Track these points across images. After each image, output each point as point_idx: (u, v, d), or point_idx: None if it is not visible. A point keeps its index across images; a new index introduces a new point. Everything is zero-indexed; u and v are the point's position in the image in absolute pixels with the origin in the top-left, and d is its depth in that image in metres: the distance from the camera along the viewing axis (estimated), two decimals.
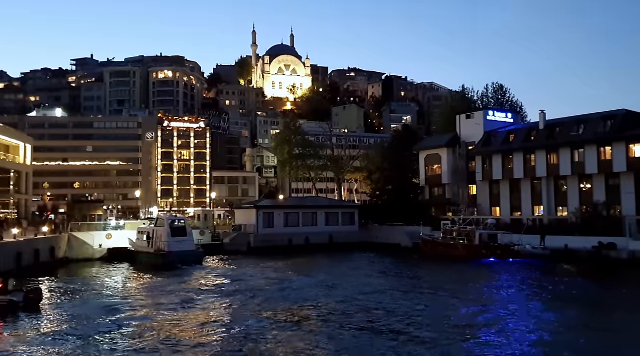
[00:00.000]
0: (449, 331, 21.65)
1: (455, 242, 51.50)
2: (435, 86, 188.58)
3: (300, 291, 31.88)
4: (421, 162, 72.45)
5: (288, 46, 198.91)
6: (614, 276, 39.08)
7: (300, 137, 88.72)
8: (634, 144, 49.99)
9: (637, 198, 49.50)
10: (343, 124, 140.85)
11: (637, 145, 49.78)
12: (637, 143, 49.76)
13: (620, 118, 52.19)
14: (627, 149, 50.31)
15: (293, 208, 68.25)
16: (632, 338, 20.58)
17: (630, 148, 50.23)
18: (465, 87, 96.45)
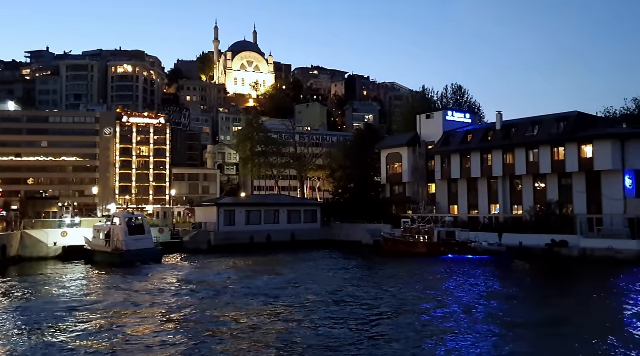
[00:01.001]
0: (408, 327, 22.01)
1: (415, 240, 52.41)
2: (397, 86, 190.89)
3: (261, 289, 31.78)
4: (383, 161, 73.36)
5: (251, 42, 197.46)
6: (564, 273, 40.59)
7: (262, 134, 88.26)
8: (585, 145, 51.97)
9: (587, 197, 51.56)
10: (306, 122, 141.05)
11: (588, 146, 51.76)
12: (588, 144, 51.75)
13: (573, 119, 54.18)
14: (579, 150, 52.25)
15: (255, 205, 67.93)
16: (577, 331, 21.39)
17: (581, 149, 52.19)
18: (425, 88, 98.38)
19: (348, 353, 18.36)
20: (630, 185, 49.76)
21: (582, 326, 22.31)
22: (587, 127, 53.44)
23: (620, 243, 43.57)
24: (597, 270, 39.44)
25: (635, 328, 21.32)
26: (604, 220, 48.86)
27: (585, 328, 21.82)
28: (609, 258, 42.58)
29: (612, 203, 49.32)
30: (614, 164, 49.48)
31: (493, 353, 18.44)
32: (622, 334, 20.46)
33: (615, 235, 45.58)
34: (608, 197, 49.88)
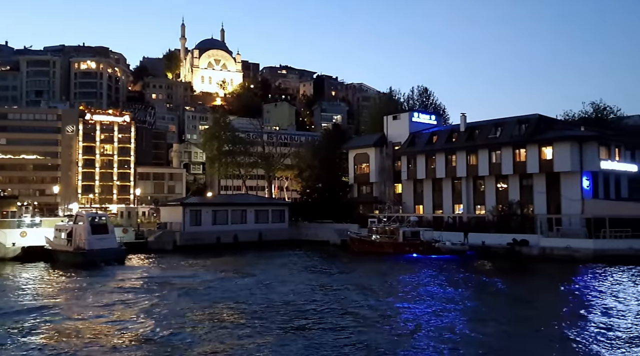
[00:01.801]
0: (373, 325, 22.31)
1: (381, 239, 52.96)
2: (365, 87, 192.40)
3: (226, 290, 31.61)
4: (350, 161, 73.91)
5: (218, 41, 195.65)
6: (524, 271, 41.82)
7: (230, 133, 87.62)
8: (545, 147, 53.57)
9: (547, 197, 53.15)
10: (274, 121, 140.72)
11: (548, 147, 53.36)
12: (548, 146, 53.34)
13: (534, 122, 55.76)
14: (539, 151, 53.80)
15: (221, 205, 67.41)
16: (529, 328, 22.10)
17: (542, 151, 53.76)
18: (392, 89, 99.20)
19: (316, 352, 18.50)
20: (587, 186, 51.53)
21: (534, 323, 22.96)
22: (547, 130, 55.12)
23: (578, 242, 45.08)
24: (555, 269, 40.68)
25: (582, 325, 22.08)
26: (563, 220, 50.44)
27: (537, 325, 22.43)
28: (567, 256, 43.99)
29: (571, 204, 50.99)
30: (573, 166, 51.15)
31: (450, 348, 18.84)
32: (571, 330, 21.18)
33: (573, 234, 47.16)
34: (567, 197, 51.54)
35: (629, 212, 46.65)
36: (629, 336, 20.05)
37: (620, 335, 20.34)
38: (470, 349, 18.75)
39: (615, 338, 19.90)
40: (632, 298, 27.70)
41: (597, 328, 21.31)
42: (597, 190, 52.45)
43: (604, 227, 45.60)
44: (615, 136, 57.03)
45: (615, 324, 22.03)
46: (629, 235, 44.31)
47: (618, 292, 29.65)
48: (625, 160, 56.18)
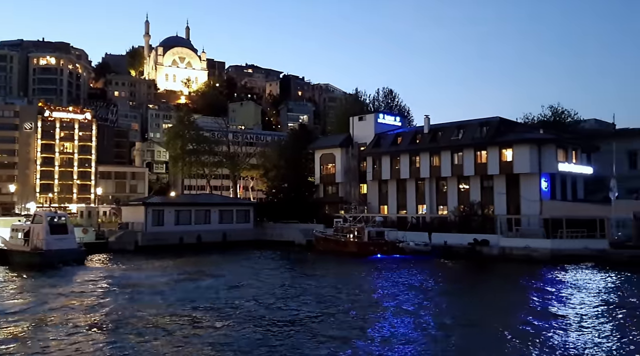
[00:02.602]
0: (333, 325, 22.44)
1: (346, 239, 53.26)
2: (331, 88, 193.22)
3: (188, 292, 31.16)
4: (316, 161, 74.07)
5: (183, 38, 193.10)
6: (483, 270, 42.82)
7: (194, 132, 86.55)
8: (505, 149, 54.95)
9: (507, 198, 54.53)
10: (240, 120, 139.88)
11: (508, 149, 54.76)
12: (508, 148, 54.75)
13: (495, 124, 57.15)
14: (499, 153, 55.15)
15: (185, 205, 66.49)
16: (484, 325, 22.68)
17: (502, 153, 55.12)
18: (358, 90, 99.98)
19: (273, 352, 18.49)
20: (545, 187, 53.12)
21: (488, 320, 23.58)
22: (507, 132, 56.58)
23: (536, 242, 46.38)
24: (513, 268, 41.73)
25: (536, 324, 22.75)
26: (522, 220, 51.83)
27: (491, 322, 23.00)
28: (526, 256, 45.20)
29: (529, 205, 52.45)
30: (532, 167, 52.63)
31: (405, 347, 19.12)
32: (525, 328, 21.82)
33: (531, 234, 48.47)
34: (526, 198, 52.99)
35: (584, 213, 48.32)
36: (582, 334, 20.77)
37: (576, 332, 21.06)
38: (424, 348, 18.99)
39: (570, 335, 20.58)
40: (587, 297, 28.69)
41: (551, 327, 21.98)
42: (555, 191, 54.14)
43: (561, 227, 47.10)
44: (572, 139, 59.01)
45: (570, 322, 22.79)
46: (584, 235, 45.85)
47: (573, 291, 30.66)
48: (582, 163, 58.18)
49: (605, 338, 19.92)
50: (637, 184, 64.84)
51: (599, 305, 26.37)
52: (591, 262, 41.72)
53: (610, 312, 24.65)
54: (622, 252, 42.60)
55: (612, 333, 20.85)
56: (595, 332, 20.87)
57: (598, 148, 62.04)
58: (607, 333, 20.72)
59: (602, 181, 55.63)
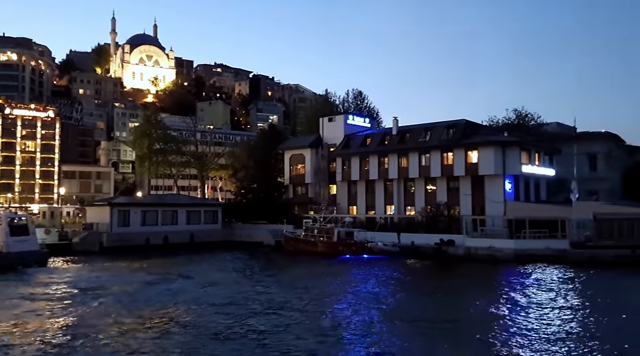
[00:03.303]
0: (300, 326, 22.49)
1: (316, 239, 53.43)
2: (301, 88, 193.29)
3: (153, 294, 30.70)
4: (286, 162, 74.00)
5: (150, 36, 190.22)
6: (449, 270, 43.59)
7: (161, 131, 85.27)
8: (471, 151, 56.08)
9: (473, 199, 55.65)
10: (208, 120, 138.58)
11: (474, 152, 55.89)
12: (474, 150, 55.88)
13: (461, 127, 58.25)
14: (465, 155, 56.25)
15: (151, 205, 65.47)
16: (452, 325, 23.16)
17: (468, 155, 56.23)
18: (328, 91, 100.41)
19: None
20: (509, 188, 54.43)
21: (447, 318, 24.05)
22: (473, 135, 57.81)
23: (500, 242, 47.48)
24: (478, 268, 42.65)
25: (498, 322, 23.35)
26: (487, 221, 52.96)
27: (449, 321, 23.46)
28: (490, 256, 46.21)
29: (494, 205, 53.64)
30: (496, 169, 53.85)
31: (369, 347, 19.35)
32: (487, 326, 22.35)
33: (495, 234, 49.61)
34: (490, 199, 54.17)
35: (546, 214, 49.68)
36: (543, 331, 21.37)
37: (536, 330, 21.65)
38: (387, 348, 19.20)
39: (530, 333, 21.15)
40: (546, 296, 29.53)
41: (513, 325, 22.54)
42: (518, 192, 55.54)
43: (524, 227, 48.28)
44: (535, 142, 60.66)
45: (531, 320, 23.41)
46: (547, 236, 47.17)
47: (534, 291, 31.49)
48: (544, 165, 59.85)
49: (561, 336, 20.54)
50: (596, 186, 67.18)
51: (558, 304, 27.16)
52: (553, 261, 42.91)
53: (567, 311, 25.43)
54: (582, 252, 44.02)
55: (567, 331, 21.50)
56: (553, 330, 21.49)
57: (560, 151, 63.95)
58: (564, 331, 21.36)
59: (564, 183, 57.35)
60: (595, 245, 44.42)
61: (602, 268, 40.19)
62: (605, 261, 41.90)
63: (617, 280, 36.18)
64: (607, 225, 45.15)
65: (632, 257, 41.73)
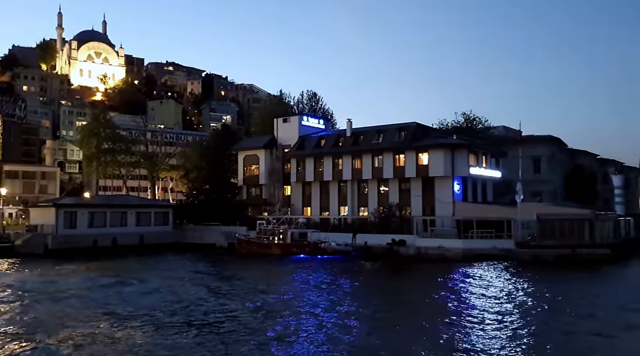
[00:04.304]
0: (249, 328, 22.49)
1: (269, 241, 53.38)
2: (255, 88, 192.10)
3: (98, 297, 29.84)
4: (240, 162, 73.45)
5: (100, 32, 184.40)
6: (399, 269, 44.46)
7: (110, 131, 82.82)
8: (422, 153, 57.48)
9: (423, 200, 57.02)
10: (159, 119, 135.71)
11: (424, 153, 57.30)
12: (424, 152, 57.29)
13: (412, 129, 59.60)
14: (416, 157, 57.59)
15: (99, 207, 63.66)
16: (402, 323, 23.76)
17: (419, 157, 57.60)
18: (282, 92, 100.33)
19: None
20: (458, 190, 56.09)
21: (395, 317, 24.70)
22: (423, 137, 59.31)
23: (449, 242, 48.89)
24: (427, 267, 43.70)
25: (446, 319, 24.11)
26: (436, 221, 54.39)
27: (397, 319, 24.09)
28: (440, 255, 47.52)
29: (443, 206, 55.16)
30: (445, 171, 55.40)
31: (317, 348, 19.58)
32: (436, 324, 23.06)
33: (445, 235, 51.02)
34: (440, 200, 55.67)
35: (493, 214, 51.51)
36: (491, 328, 22.22)
37: (484, 327, 22.48)
38: (337, 348, 19.42)
39: (479, 329, 21.94)
40: (491, 294, 30.67)
41: (462, 321, 23.33)
42: (467, 194, 57.31)
43: (472, 228, 49.93)
44: (482, 145, 62.77)
45: (478, 317, 24.27)
46: (493, 236, 48.92)
47: (480, 289, 32.64)
48: (491, 167, 62.00)
49: (503, 332, 21.43)
50: (540, 188, 70.10)
51: (503, 301, 28.26)
52: (499, 260, 44.54)
53: (511, 307, 26.53)
54: (526, 252, 45.93)
55: (510, 326, 22.45)
56: (496, 326, 22.39)
57: (506, 153, 66.37)
58: (506, 327, 22.28)
59: (509, 184, 59.57)
60: (538, 244, 46.45)
61: (545, 266, 42.11)
62: (547, 260, 43.88)
63: (556, 278, 37.86)
64: (549, 225, 47.28)
65: (573, 256, 43.87)
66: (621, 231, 55.64)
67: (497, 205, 56.64)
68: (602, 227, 49.36)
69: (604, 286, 34.75)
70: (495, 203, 58.34)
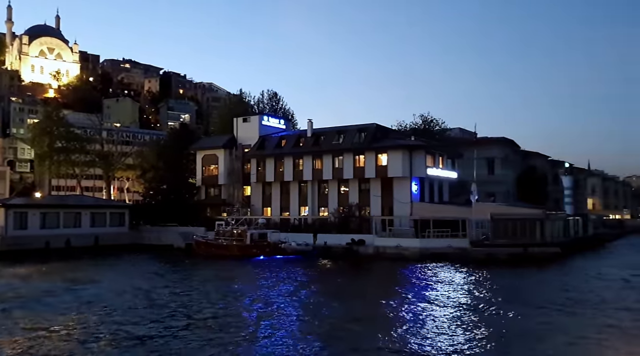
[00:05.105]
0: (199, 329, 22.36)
1: (228, 242, 52.90)
2: (215, 87, 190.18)
3: (50, 301, 28.89)
4: (198, 162, 72.52)
5: (52, 27, 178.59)
6: (358, 268, 45.03)
7: (64, 129, 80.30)
8: (381, 154, 58.31)
9: (382, 200, 57.86)
10: (115, 118, 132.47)
11: (383, 154, 58.15)
12: (383, 153, 58.13)
13: (372, 131, 60.37)
14: (376, 158, 58.38)
15: (52, 207, 61.61)
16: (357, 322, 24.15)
17: (378, 158, 58.41)
18: (243, 91, 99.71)
19: None
20: (415, 190, 57.19)
21: (352, 314, 25.06)
22: (383, 138, 60.21)
23: (406, 241, 49.77)
24: (385, 266, 44.44)
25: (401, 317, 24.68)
26: (395, 221, 55.22)
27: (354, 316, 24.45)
28: (398, 254, 48.33)
29: (401, 206, 56.11)
30: (404, 172, 56.38)
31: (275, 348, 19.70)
32: (390, 321, 23.55)
33: (402, 234, 51.93)
34: (398, 200, 56.61)
35: (449, 214, 52.77)
36: (447, 326, 22.83)
37: (439, 324, 23.08)
38: (283, 346, 19.51)
39: (433, 327, 22.51)
40: (448, 291, 31.48)
41: (415, 319, 23.87)
42: (424, 194, 58.49)
43: (428, 227, 50.99)
44: (439, 146, 64.23)
45: (432, 315, 24.90)
46: (449, 235, 50.10)
47: (435, 286, 33.46)
48: (447, 168, 63.46)
49: (454, 323, 22.10)
50: (494, 188, 72.30)
51: (457, 297, 29.07)
52: (454, 259, 45.63)
53: (464, 303, 27.32)
54: (480, 250, 47.25)
55: (463, 322, 23.14)
56: (449, 322, 23.04)
57: (461, 155, 68.10)
58: (458, 322, 22.96)
59: (465, 185, 61.21)
60: (492, 243, 47.89)
61: (498, 265, 43.45)
62: (500, 258, 45.30)
63: (507, 275, 39.19)
64: (502, 224, 48.84)
65: (524, 254, 45.44)
66: (570, 230, 58.06)
67: (453, 205, 58.06)
68: (553, 226, 51.34)
69: (551, 280, 36.19)
70: (451, 203, 59.78)
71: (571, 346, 19.49)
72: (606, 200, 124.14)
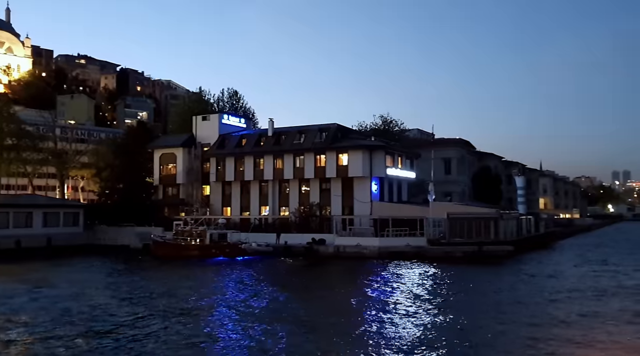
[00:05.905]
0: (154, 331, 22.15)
1: (187, 242, 52.15)
2: (173, 85, 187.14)
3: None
4: (156, 161, 71.19)
5: (2, 20, 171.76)
6: (317, 267, 45.25)
7: (14, 126, 77.09)
8: (342, 154, 58.82)
9: (343, 200, 58.40)
10: (70, 115, 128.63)
11: (344, 154, 58.68)
12: (344, 153, 58.67)
13: (333, 130, 60.82)
14: (336, 158, 58.85)
15: (1, 207, 59.29)
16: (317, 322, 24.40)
17: (339, 157, 58.90)
18: (202, 89, 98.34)
19: None
20: (375, 190, 57.98)
21: (309, 313, 25.23)
22: (343, 138, 60.78)
23: (366, 240, 50.42)
24: (345, 265, 44.80)
25: (362, 316, 25.09)
26: (355, 220, 55.87)
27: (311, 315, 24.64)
28: (357, 253, 48.87)
29: (361, 206, 56.81)
30: (364, 171, 57.06)
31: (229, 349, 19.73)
32: (350, 320, 23.91)
33: (362, 233, 52.59)
34: (358, 200, 57.28)
35: (407, 213, 53.74)
36: (405, 322, 23.29)
37: (397, 321, 23.52)
38: (238, 347, 19.57)
39: (390, 324, 22.93)
40: (407, 288, 32.09)
41: (374, 317, 24.26)
42: (383, 193, 59.35)
43: (387, 226, 51.76)
44: (398, 146, 65.30)
45: (391, 312, 25.34)
46: (407, 234, 51.04)
47: (391, 283, 34.02)
48: (406, 168, 64.58)
49: (414, 323, 22.60)
50: (450, 188, 74.03)
51: (410, 295, 29.60)
52: (413, 257, 46.53)
53: (421, 300, 27.94)
54: (437, 249, 48.33)
55: (419, 319, 23.69)
56: (409, 319, 23.54)
57: (419, 155, 69.42)
58: (417, 319, 23.48)
59: (422, 185, 62.47)
60: (448, 242, 49.06)
61: (454, 262, 44.55)
62: (456, 256, 46.46)
63: (462, 273, 40.21)
64: (458, 223, 50.11)
65: (479, 252, 46.73)
66: (523, 229, 60.02)
67: (411, 204, 59.15)
68: (506, 225, 52.99)
69: (503, 275, 37.40)
70: (410, 203, 60.86)
71: None
72: (557, 199, 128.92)
